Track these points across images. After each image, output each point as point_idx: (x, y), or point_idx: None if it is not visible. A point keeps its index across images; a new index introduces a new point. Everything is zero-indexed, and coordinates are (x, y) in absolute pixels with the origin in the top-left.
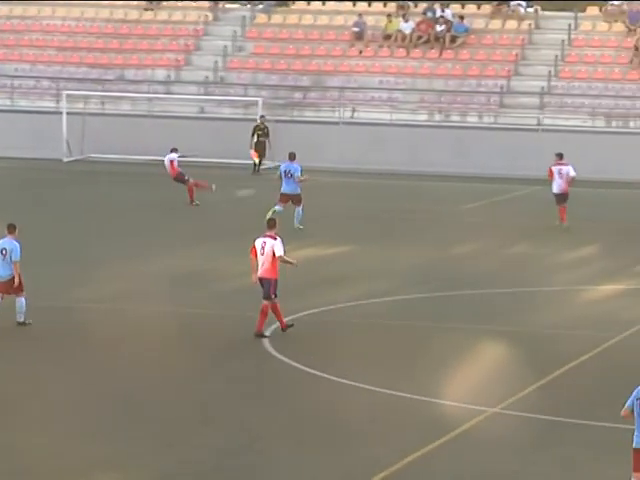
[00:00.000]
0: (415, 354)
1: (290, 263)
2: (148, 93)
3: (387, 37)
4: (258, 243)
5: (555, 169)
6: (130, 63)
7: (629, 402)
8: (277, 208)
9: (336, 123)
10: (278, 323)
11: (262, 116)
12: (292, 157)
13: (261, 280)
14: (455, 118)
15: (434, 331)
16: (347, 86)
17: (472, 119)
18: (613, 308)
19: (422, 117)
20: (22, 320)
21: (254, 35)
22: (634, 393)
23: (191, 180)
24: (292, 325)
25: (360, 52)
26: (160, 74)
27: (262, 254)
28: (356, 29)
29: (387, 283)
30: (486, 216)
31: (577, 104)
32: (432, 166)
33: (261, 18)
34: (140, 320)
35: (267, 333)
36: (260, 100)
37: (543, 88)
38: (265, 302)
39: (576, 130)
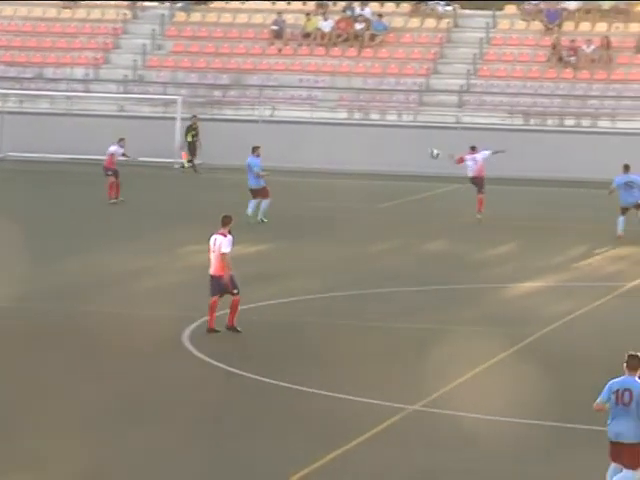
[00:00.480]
0: (335, 352)
1: (226, 268)
2: (67, 91)
3: (306, 35)
4: (211, 240)
5: (469, 157)
6: (48, 61)
7: (604, 395)
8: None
9: (255, 121)
10: (206, 320)
11: (194, 116)
12: (253, 150)
13: (213, 277)
14: (374, 116)
15: (354, 329)
16: (266, 84)
17: (391, 117)
18: (532, 305)
19: (341, 115)
20: None
21: (173, 33)
22: (608, 386)
23: (114, 180)
24: (218, 331)
25: (279, 50)
26: (79, 72)
27: (213, 251)
28: (275, 27)
29: (306, 281)
30: (405, 214)
31: (495, 102)
32: (351, 164)
33: (180, 16)
34: (54, 320)
35: (217, 328)
36: (180, 98)
37: (462, 86)
38: (214, 298)
39: (495, 128)
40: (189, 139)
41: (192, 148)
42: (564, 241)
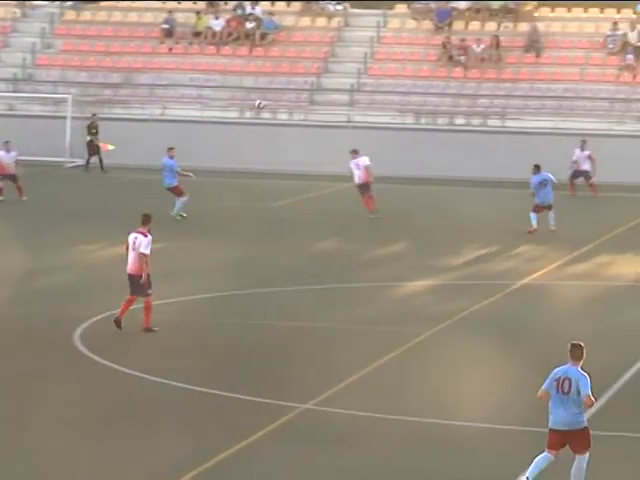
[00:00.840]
0: (225, 351)
1: (144, 269)
2: None
3: (197, 34)
4: (130, 238)
5: (352, 163)
6: None
7: (546, 384)
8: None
9: (146, 120)
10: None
11: (94, 114)
12: (168, 151)
13: (131, 276)
14: (266, 115)
15: (243, 328)
16: (157, 83)
17: (283, 116)
18: (423, 303)
19: (233, 114)
20: None
21: (63, 32)
22: (551, 374)
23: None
24: (155, 330)
25: (170, 49)
26: None
27: (133, 249)
28: (166, 26)
29: (195, 281)
30: (295, 213)
31: (387, 101)
32: (243, 163)
33: (70, 15)
34: None
35: (155, 328)
36: (70, 97)
37: (353, 85)
38: (132, 297)
39: (386, 127)
40: (88, 138)
41: (90, 147)
42: (456, 240)
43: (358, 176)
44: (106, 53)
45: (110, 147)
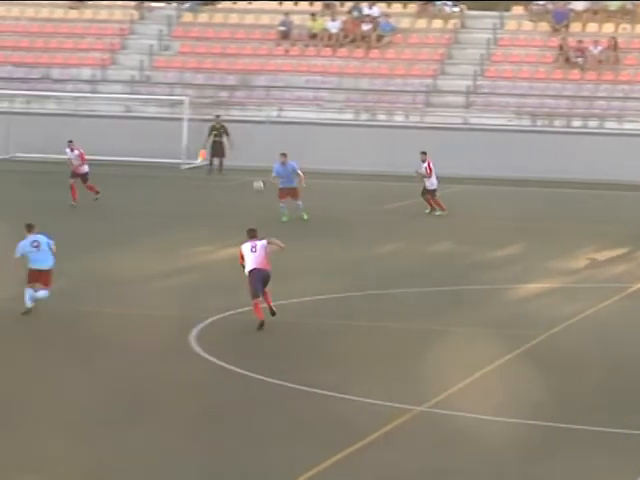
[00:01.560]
0: (341, 353)
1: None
2: (74, 92)
3: (313, 36)
4: (246, 248)
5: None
6: (56, 62)
7: None
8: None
9: (262, 122)
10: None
11: (217, 116)
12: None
13: (258, 271)
14: (381, 117)
15: (360, 330)
16: (273, 85)
17: (398, 118)
18: (538, 306)
19: (348, 116)
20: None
21: (180, 34)
22: None
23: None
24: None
25: (286, 51)
26: (86, 73)
27: (253, 251)
28: (282, 28)
29: (313, 283)
30: (411, 215)
31: (503, 103)
32: (358, 165)
33: (187, 17)
34: (61, 320)
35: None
36: (186, 99)
37: (469, 87)
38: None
39: (502, 129)
40: (211, 139)
41: (213, 148)
42: (571, 242)
43: (432, 181)
44: (223, 55)
45: (201, 157)
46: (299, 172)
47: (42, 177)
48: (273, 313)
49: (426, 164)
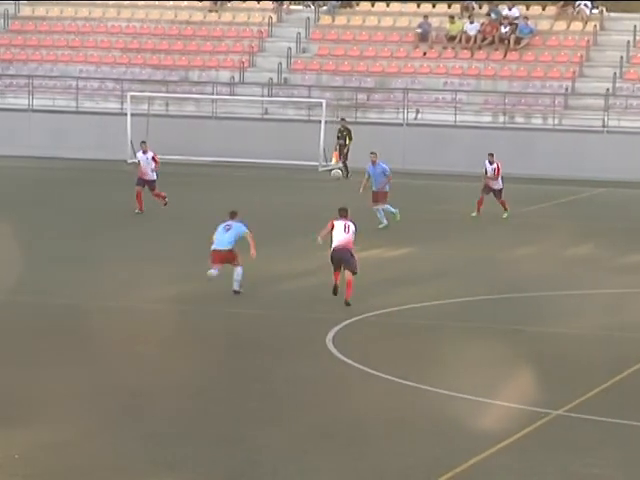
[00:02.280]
0: (474, 356)
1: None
2: (212, 94)
3: (451, 38)
4: (339, 223)
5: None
6: (194, 64)
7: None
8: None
9: (400, 124)
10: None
11: (342, 119)
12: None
13: (342, 251)
14: (519, 120)
15: (493, 333)
16: (411, 87)
17: (536, 121)
18: None
19: (486, 119)
20: (237, 289)
21: (318, 36)
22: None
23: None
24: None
25: (424, 54)
26: (224, 75)
27: (346, 232)
28: (420, 30)
29: (448, 284)
30: (549, 218)
31: None
32: None
33: (325, 19)
34: (199, 321)
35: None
36: (324, 101)
37: (608, 90)
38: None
39: None
40: (339, 142)
41: (339, 151)
42: None
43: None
44: (360, 57)
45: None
46: (388, 174)
47: (182, 179)
48: (348, 304)
49: (495, 165)
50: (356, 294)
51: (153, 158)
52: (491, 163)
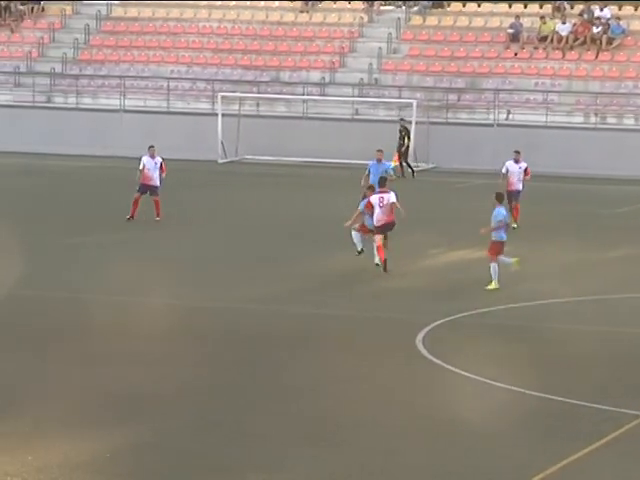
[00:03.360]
0: (573, 357)
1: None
2: (303, 95)
3: (543, 39)
4: (376, 199)
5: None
6: (285, 65)
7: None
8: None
9: (490, 125)
10: (428, 328)
11: (401, 119)
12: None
13: (388, 224)
14: (611, 120)
15: (596, 334)
16: (502, 88)
17: (628, 121)
18: None
19: (578, 119)
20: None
21: (409, 37)
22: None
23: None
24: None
25: (515, 54)
26: (315, 76)
27: (381, 206)
28: (511, 31)
29: (540, 286)
30: None
31: None
32: (587, 168)
33: (416, 20)
34: (285, 321)
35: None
36: (415, 102)
37: None
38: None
39: None
40: (402, 142)
41: (400, 151)
42: None
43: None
44: (451, 58)
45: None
46: (392, 175)
47: (272, 179)
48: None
49: (524, 165)
50: (447, 294)
51: (161, 165)
52: (517, 162)
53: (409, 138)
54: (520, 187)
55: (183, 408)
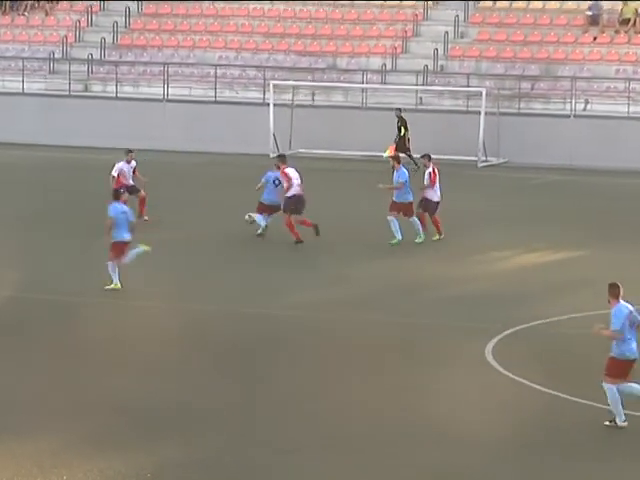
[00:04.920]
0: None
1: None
2: (362, 83)
3: (624, 22)
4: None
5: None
6: (343, 51)
7: (618, 325)
8: None
9: (567, 116)
10: (496, 338)
11: (397, 109)
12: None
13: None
14: None
15: None
16: (580, 76)
17: None
18: None
19: None
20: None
21: (478, 20)
22: (623, 315)
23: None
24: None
25: (594, 39)
26: (375, 62)
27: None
28: (590, 13)
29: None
30: None
31: None
32: None
33: (486, 2)
34: (349, 328)
35: None
36: (484, 91)
37: None
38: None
39: None
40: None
41: (399, 143)
42: None
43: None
44: (524, 43)
45: (385, 154)
46: (399, 182)
47: (328, 175)
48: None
49: (430, 169)
50: (516, 302)
51: (134, 170)
52: (426, 167)
53: (406, 129)
54: (433, 196)
55: (224, 424)
